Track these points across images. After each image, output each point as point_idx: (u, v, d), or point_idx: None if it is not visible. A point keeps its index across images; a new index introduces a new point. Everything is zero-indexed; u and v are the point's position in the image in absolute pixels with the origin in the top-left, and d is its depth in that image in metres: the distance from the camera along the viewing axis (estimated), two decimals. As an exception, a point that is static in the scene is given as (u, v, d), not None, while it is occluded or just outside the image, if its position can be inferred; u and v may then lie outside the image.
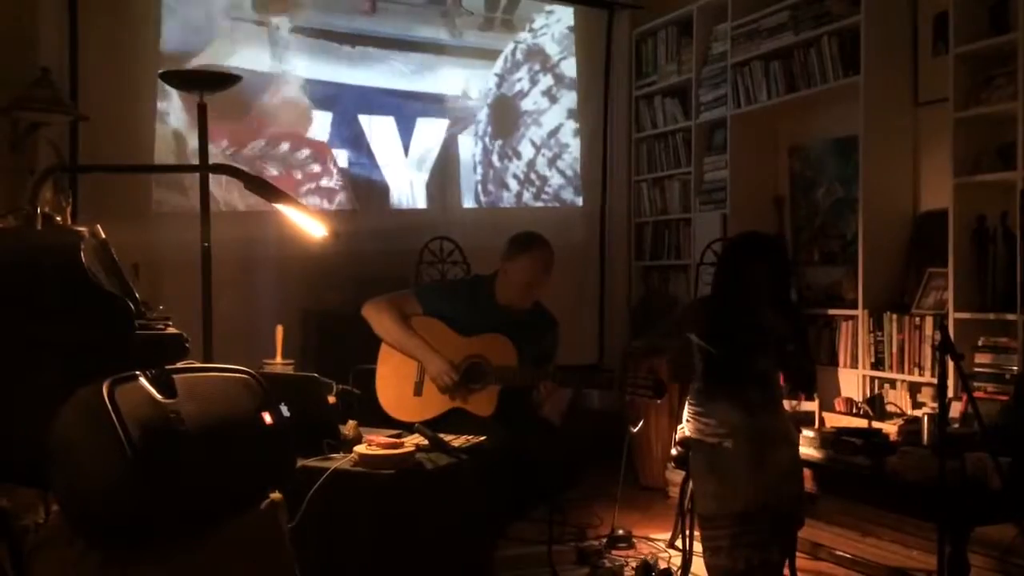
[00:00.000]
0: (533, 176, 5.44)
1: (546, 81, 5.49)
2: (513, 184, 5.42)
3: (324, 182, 4.96)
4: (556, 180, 5.56)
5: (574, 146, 5.60)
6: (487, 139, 5.36)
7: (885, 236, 4.17)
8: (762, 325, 3.05)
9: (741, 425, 3.01)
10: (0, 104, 3.56)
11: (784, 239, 3.22)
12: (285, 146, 4.86)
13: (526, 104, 5.46)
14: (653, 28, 5.62)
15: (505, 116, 5.41)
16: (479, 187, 5.37)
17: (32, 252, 2.15)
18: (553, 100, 5.52)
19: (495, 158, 5.37)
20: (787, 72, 4.59)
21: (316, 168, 4.93)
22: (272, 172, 4.78)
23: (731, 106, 4.93)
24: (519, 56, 5.43)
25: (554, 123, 5.53)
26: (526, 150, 5.44)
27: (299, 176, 4.89)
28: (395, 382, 3.25)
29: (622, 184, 5.79)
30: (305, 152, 4.91)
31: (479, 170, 5.36)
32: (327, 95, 4.97)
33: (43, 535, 1.81)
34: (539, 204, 5.54)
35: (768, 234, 3.67)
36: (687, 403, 3.24)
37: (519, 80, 5.42)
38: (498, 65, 5.40)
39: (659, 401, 3.16)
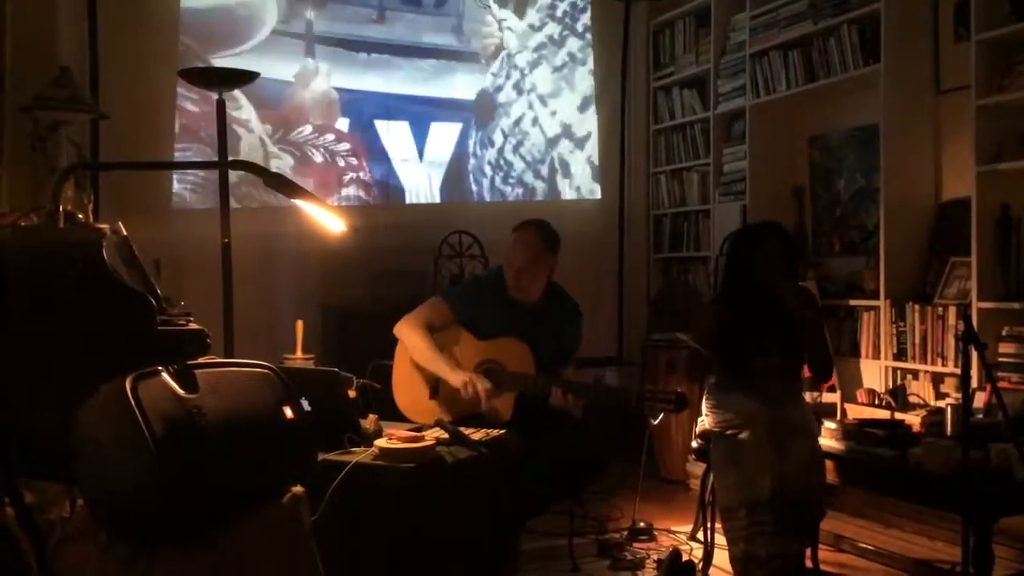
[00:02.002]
0: (502, 162, 5.48)
1: (515, 75, 5.51)
2: (488, 170, 5.47)
3: (362, 175, 5.08)
4: (519, 164, 5.55)
5: (533, 133, 5.57)
6: (479, 133, 5.42)
7: (907, 226, 4.13)
8: (776, 306, 3.06)
9: (758, 416, 3.01)
10: (21, 103, 3.59)
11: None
12: (330, 136, 4.96)
13: (501, 97, 5.49)
14: (671, 19, 5.60)
15: (489, 110, 5.45)
16: (473, 182, 5.43)
17: (55, 249, 2.17)
18: (520, 92, 5.53)
19: (479, 149, 5.44)
20: (806, 61, 4.56)
21: (354, 161, 5.04)
22: (317, 159, 4.92)
23: (750, 96, 4.90)
24: (502, 55, 5.47)
25: (519, 112, 5.54)
26: (498, 138, 5.48)
27: (342, 165, 4.99)
28: (411, 384, 3.24)
29: (640, 176, 5.78)
30: (346, 145, 5.01)
31: (471, 162, 5.44)
32: (343, 100, 5.02)
33: (68, 529, 1.82)
34: (548, 197, 5.57)
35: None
36: (705, 396, 3.24)
37: (497, 75, 5.47)
38: (494, 65, 5.44)
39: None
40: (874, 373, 4.20)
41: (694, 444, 3.31)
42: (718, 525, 3.14)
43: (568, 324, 3.30)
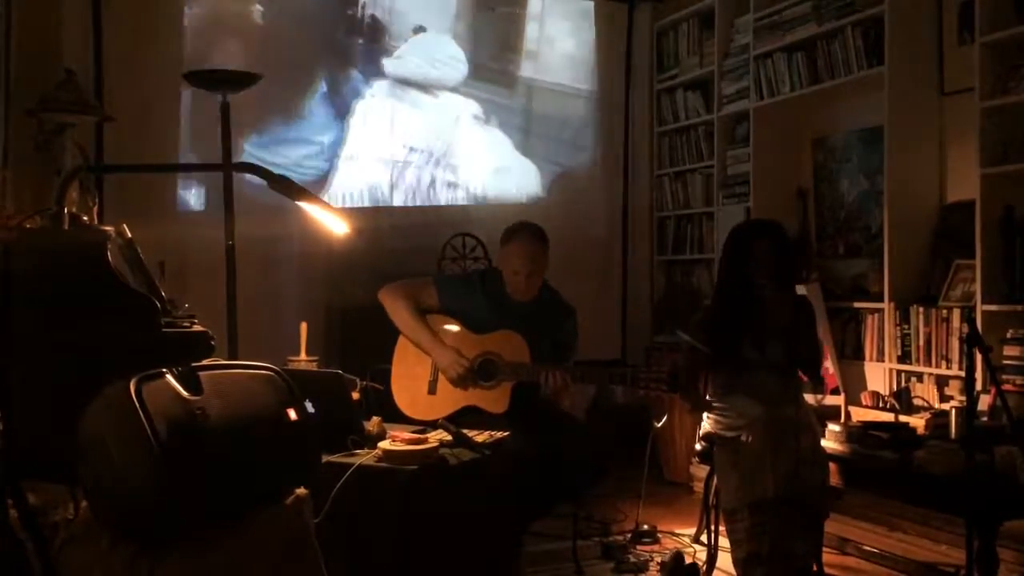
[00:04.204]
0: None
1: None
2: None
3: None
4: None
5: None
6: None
7: (911, 228, 4.12)
8: (766, 307, 3.06)
9: (760, 417, 3.01)
10: (26, 105, 3.60)
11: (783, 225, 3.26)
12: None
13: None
14: (674, 21, 5.60)
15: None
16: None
17: (60, 252, 2.18)
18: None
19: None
20: (810, 63, 4.56)
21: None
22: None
23: (754, 98, 4.90)
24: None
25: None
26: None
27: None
28: (409, 381, 3.25)
29: (644, 178, 5.77)
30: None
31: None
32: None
33: (72, 531, 1.83)
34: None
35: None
36: (707, 399, 3.24)
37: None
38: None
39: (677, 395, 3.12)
40: (878, 376, 4.19)
41: (697, 447, 3.31)
42: (722, 528, 3.14)
43: (563, 322, 3.31)
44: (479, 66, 5.35)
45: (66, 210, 2.29)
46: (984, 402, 3.27)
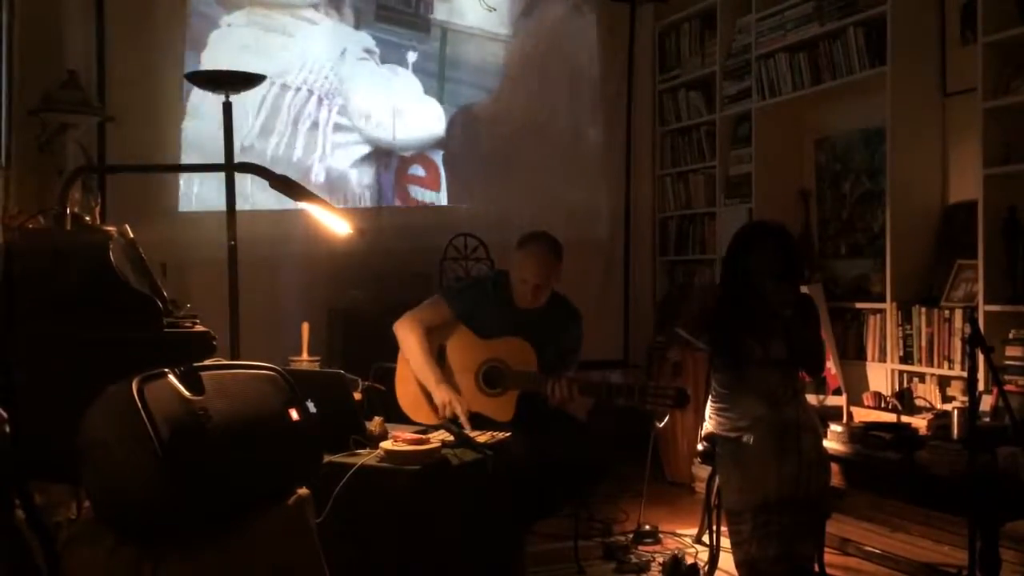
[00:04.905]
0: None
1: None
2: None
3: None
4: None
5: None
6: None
7: (913, 228, 4.12)
8: (769, 306, 3.06)
9: (762, 417, 3.00)
10: (29, 106, 3.61)
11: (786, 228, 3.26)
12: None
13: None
14: (676, 21, 5.60)
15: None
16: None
17: (62, 252, 2.18)
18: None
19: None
20: (812, 64, 4.55)
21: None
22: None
23: (756, 99, 4.90)
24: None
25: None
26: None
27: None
28: (412, 384, 3.25)
29: (646, 178, 5.77)
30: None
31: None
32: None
33: (75, 531, 1.83)
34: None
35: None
36: (709, 399, 3.24)
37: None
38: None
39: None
40: (880, 376, 4.19)
41: (699, 447, 3.31)
42: (724, 528, 3.14)
43: (569, 328, 3.31)
44: (388, 8, 5.00)
45: (68, 210, 2.30)
46: (986, 403, 3.27)
